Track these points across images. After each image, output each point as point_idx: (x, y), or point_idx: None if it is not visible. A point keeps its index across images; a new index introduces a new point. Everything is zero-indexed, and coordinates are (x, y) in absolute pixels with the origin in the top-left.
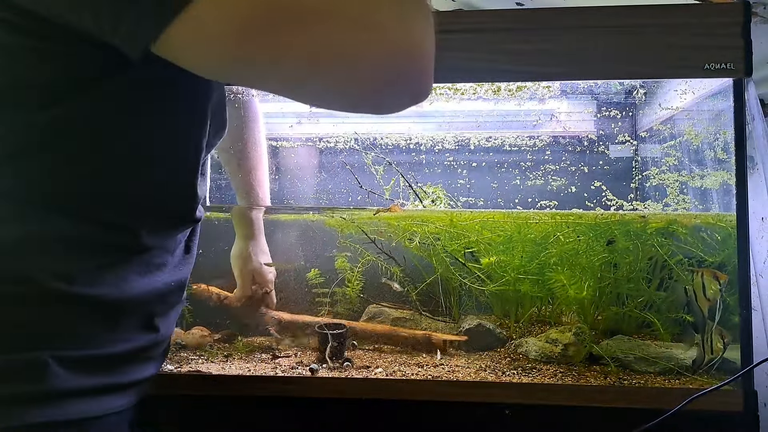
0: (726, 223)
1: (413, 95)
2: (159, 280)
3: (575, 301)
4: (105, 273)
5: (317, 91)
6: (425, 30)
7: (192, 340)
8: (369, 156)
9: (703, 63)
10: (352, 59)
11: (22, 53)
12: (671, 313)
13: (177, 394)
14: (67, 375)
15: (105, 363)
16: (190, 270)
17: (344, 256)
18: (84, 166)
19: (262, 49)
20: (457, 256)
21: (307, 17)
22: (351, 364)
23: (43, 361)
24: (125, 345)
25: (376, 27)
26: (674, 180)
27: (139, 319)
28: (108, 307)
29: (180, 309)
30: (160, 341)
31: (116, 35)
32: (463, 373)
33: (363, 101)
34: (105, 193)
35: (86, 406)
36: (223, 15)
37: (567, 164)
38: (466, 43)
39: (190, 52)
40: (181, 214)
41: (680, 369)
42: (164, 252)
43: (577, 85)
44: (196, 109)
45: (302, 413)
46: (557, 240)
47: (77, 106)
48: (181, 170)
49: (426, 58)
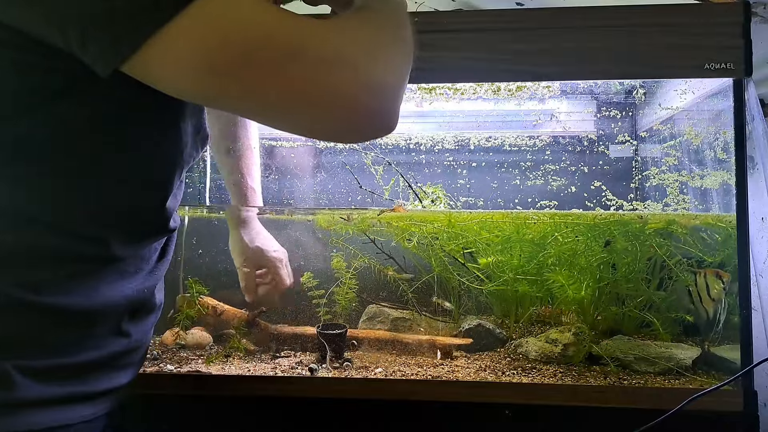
0: (726, 224)
1: (378, 129)
2: (131, 287)
3: (574, 302)
4: (75, 282)
5: (292, 122)
6: (396, 67)
7: (192, 340)
8: (369, 156)
9: (703, 63)
10: (321, 96)
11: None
12: (671, 313)
13: (177, 394)
14: (32, 384)
15: (74, 371)
16: (163, 273)
17: (340, 255)
18: (55, 178)
19: (232, 81)
20: (456, 256)
21: (279, 54)
22: (351, 364)
23: (4, 371)
24: (95, 352)
25: (346, 66)
26: (674, 180)
27: (110, 326)
28: (77, 316)
29: (158, 314)
30: (133, 347)
31: (85, 54)
32: (463, 373)
33: (331, 133)
34: (77, 204)
35: (52, 416)
36: (193, 44)
37: (567, 164)
38: (466, 43)
39: (161, 76)
40: (154, 226)
41: (680, 369)
42: (138, 260)
43: (577, 85)
44: (170, 125)
45: (302, 413)
46: (555, 240)
47: (50, 118)
48: (154, 184)
49: (392, 96)
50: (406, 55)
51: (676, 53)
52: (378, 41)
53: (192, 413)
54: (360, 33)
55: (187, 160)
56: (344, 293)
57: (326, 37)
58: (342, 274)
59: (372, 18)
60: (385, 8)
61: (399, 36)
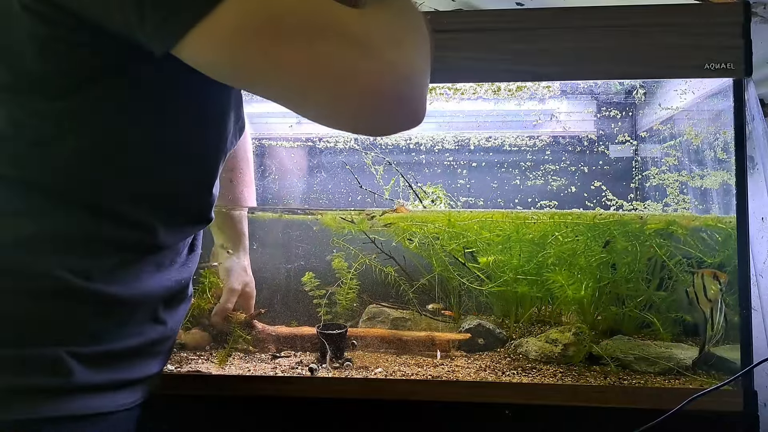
0: (725, 224)
1: (407, 118)
2: (169, 277)
3: (574, 301)
4: (121, 270)
5: (317, 105)
6: (421, 55)
7: (192, 340)
8: (369, 156)
9: (703, 63)
10: (349, 76)
11: (45, 42)
12: (671, 313)
13: (177, 394)
14: (82, 370)
15: (116, 358)
16: (195, 267)
17: (340, 256)
18: (101, 160)
19: (264, 58)
20: (456, 256)
21: (310, 33)
22: (351, 364)
23: (58, 357)
24: (136, 339)
25: (374, 51)
26: (674, 180)
27: (149, 314)
28: (122, 303)
29: (188, 306)
30: (168, 335)
31: (143, 32)
32: (463, 373)
33: (358, 119)
34: (125, 189)
35: (99, 402)
36: (237, 24)
37: (567, 164)
38: (466, 43)
39: (203, 55)
40: (198, 214)
41: (680, 369)
42: (173, 253)
43: (577, 85)
44: (216, 111)
45: (302, 413)
46: (555, 240)
47: (95, 98)
48: (201, 170)
49: (420, 83)
50: (426, 47)
51: (677, 53)
52: (399, 32)
53: (192, 413)
54: (382, 23)
55: (229, 147)
56: (345, 293)
57: (359, 22)
58: (342, 274)
59: (390, 11)
60: (399, 3)
61: (418, 29)
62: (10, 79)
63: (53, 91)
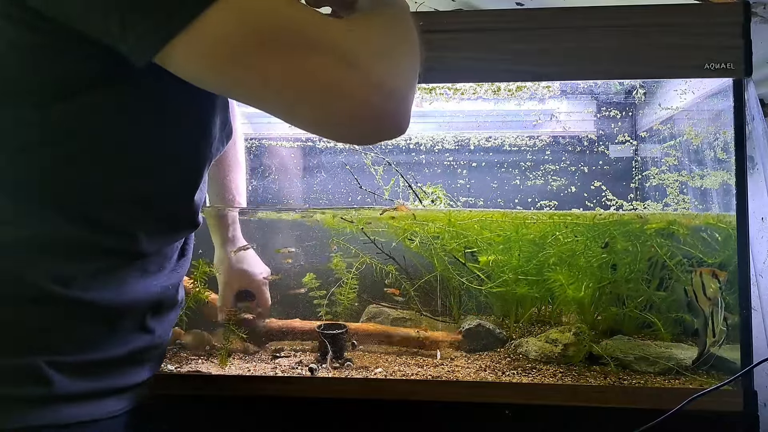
0: (726, 224)
1: (390, 131)
2: (156, 284)
3: (574, 301)
4: (103, 277)
5: (302, 117)
6: (409, 66)
7: (192, 340)
8: (369, 156)
9: (703, 63)
10: (334, 91)
11: (30, 50)
12: (671, 313)
13: (177, 394)
14: (64, 379)
15: (100, 367)
16: (185, 273)
17: (339, 256)
18: (84, 167)
19: (251, 72)
20: (456, 256)
21: (295, 46)
22: (351, 364)
23: (37, 366)
24: (121, 348)
25: (359, 65)
26: (674, 180)
27: (135, 322)
28: (105, 311)
29: (178, 312)
30: (156, 344)
31: (125, 42)
32: (463, 373)
33: (342, 131)
34: (106, 195)
35: (83, 410)
36: (223, 32)
37: (567, 164)
38: (466, 43)
39: (188, 65)
40: (182, 220)
41: (680, 369)
42: (161, 258)
43: (577, 85)
44: (200, 118)
45: (302, 413)
46: (555, 240)
47: (79, 105)
48: (184, 177)
49: (405, 97)
50: (414, 57)
51: (677, 53)
52: (387, 44)
53: (192, 413)
54: (369, 35)
55: (214, 153)
56: (345, 293)
57: (345, 36)
58: (343, 274)
59: (380, 21)
60: (390, 11)
61: (407, 39)
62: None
63: (39, 99)
